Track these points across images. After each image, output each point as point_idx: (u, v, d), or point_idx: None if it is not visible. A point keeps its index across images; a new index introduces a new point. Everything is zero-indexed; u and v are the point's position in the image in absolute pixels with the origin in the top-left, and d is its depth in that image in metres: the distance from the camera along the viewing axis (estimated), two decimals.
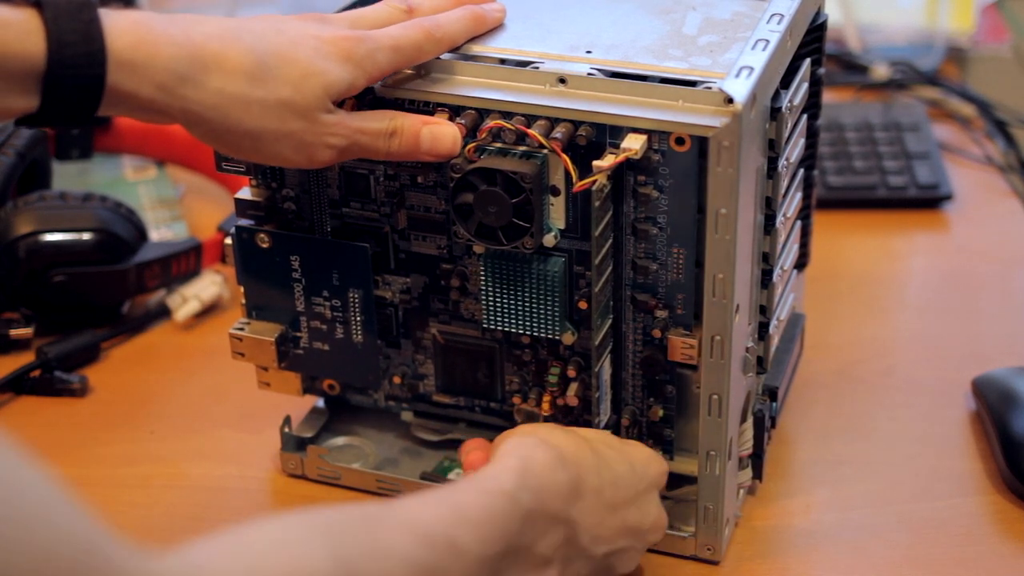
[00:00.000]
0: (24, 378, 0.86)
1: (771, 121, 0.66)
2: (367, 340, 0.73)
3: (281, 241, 0.72)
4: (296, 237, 0.72)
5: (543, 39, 0.68)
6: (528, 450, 0.62)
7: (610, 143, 0.64)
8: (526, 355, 0.72)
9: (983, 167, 1.12)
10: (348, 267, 0.72)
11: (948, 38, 1.29)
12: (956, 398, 0.85)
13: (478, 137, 0.65)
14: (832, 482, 0.78)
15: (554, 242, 0.67)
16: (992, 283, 0.98)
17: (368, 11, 0.67)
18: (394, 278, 0.73)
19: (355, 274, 0.72)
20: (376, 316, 0.73)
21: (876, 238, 1.03)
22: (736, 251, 0.64)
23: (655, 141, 0.64)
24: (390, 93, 0.67)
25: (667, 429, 0.72)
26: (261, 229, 0.72)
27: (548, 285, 0.67)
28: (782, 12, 0.68)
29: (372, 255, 0.71)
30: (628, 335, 0.70)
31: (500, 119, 0.65)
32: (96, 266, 0.89)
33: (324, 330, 0.74)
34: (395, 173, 0.70)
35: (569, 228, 0.67)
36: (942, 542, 0.74)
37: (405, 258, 0.72)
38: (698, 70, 0.64)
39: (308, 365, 0.76)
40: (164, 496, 0.78)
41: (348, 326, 0.73)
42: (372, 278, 0.72)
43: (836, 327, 0.91)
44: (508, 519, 0.58)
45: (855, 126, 1.13)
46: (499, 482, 0.59)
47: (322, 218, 0.72)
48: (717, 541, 0.71)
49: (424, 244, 0.71)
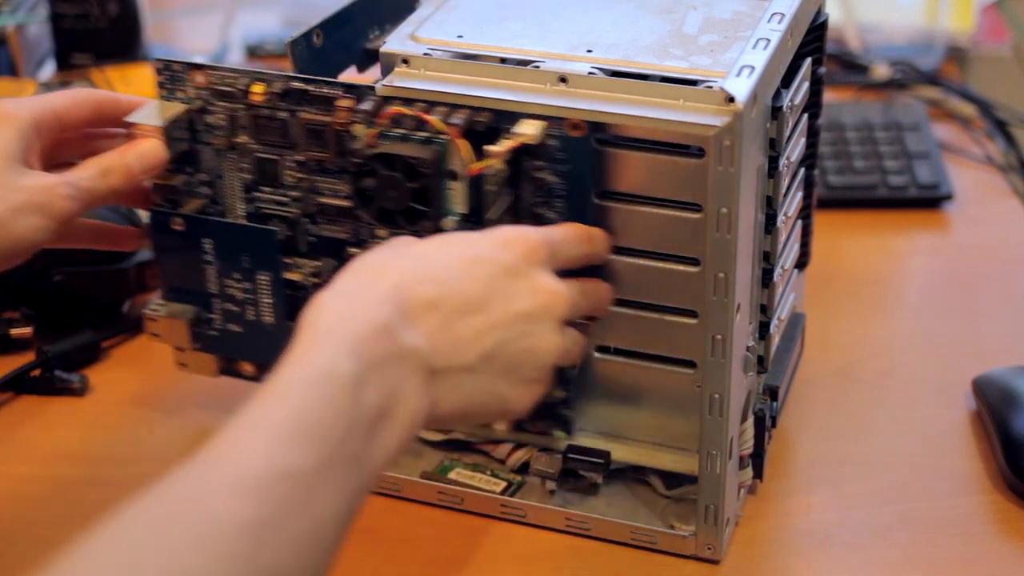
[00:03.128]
0: (24, 377, 0.86)
1: (772, 120, 0.66)
2: (278, 322, 0.75)
3: (194, 224, 0.73)
4: (208, 221, 0.73)
5: (544, 38, 0.68)
6: (324, 309, 0.56)
7: (505, 128, 0.65)
8: None
9: (983, 167, 1.12)
10: (257, 250, 0.73)
11: (948, 38, 1.29)
12: (956, 398, 0.85)
13: (377, 123, 0.66)
14: (832, 481, 0.78)
15: (452, 226, 0.67)
16: (992, 283, 0.98)
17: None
18: (305, 261, 0.74)
19: (264, 257, 0.73)
20: (286, 298, 0.74)
21: (876, 238, 1.03)
22: (737, 250, 0.64)
23: (552, 127, 0.65)
24: (391, 92, 0.67)
25: (567, 410, 0.73)
26: (175, 213, 0.74)
27: None
28: (783, 11, 0.68)
29: (284, 239, 0.73)
30: None
31: (401, 105, 0.66)
32: (96, 265, 0.89)
33: (237, 312, 0.75)
34: (304, 160, 0.70)
35: (472, 213, 0.67)
36: (942, 542, 0.74)
37: (315, 242, 0.73)
38: (699, 69, 0.64)
39: (222, 346, 0.77)
40: None
41: (259, 308, 0.75)
42: (281, 261, 0.73)
43: (836, 327, 0.91)
44: (336, 399, 0.52)
45: (855, 126, 1.13)
46: (312, 365, 0.53)
47: (235, 203, 0.73)
48: (718, 540, 0.71)
49: (333, 228, 0.72)
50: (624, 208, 0.67)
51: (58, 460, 0.80)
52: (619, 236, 0.68)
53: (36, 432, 0.83)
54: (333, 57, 0.73)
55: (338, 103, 0.68)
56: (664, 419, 0.72)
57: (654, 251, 0.68)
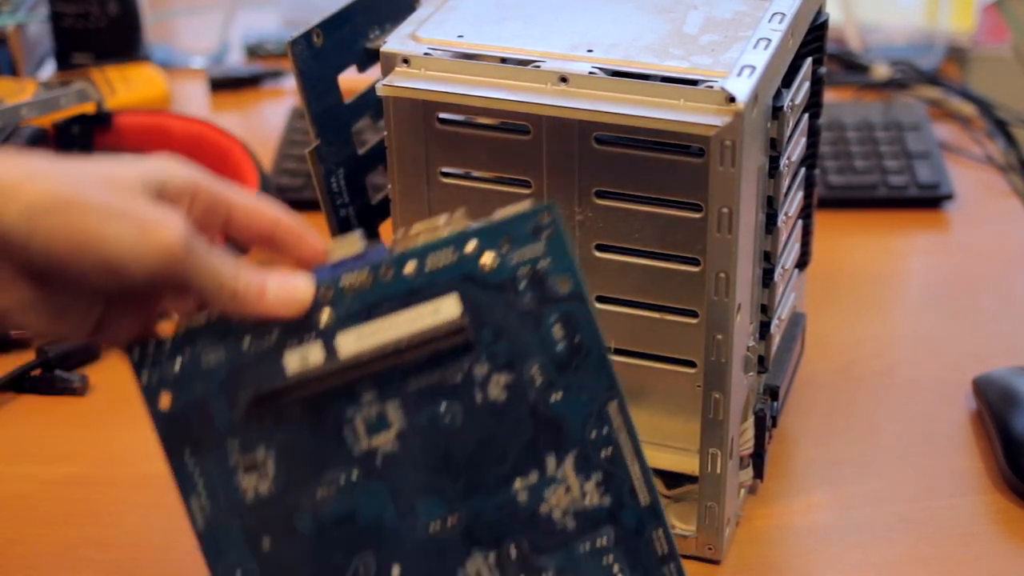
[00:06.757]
0: (24, 377, 0.86)
1: (773, 120, 0.66)
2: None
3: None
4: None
5: (544, 38, 0.68)
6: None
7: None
8: None
9: (984, 167, 1.12)
10: None
11: (949, 38, 1.29)
12: (956, 398, 0.85)
13: None
14: (833, 481, 0.78)
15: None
16: (992, 283, 0.98)
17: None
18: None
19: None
20: None
21: (877, 238, 1.03)
22: (738, 250, 0.64)
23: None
24: (391, 92, 0.67)
25: None
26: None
27: None
28: (783, 11, 0.68)
29: None
30: None
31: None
32: None
33: None
34: None
35: None
36: (942, 542, 0.74)
37: None
38: (699, 69, 0.64)
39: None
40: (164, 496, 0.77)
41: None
42: None
43: (837, 326, 0.91)
44: None
45: (856, 125, 1.13)
46: None
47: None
48: (718, 540, 0.71)
49: None
50: (624, 208, 0.67)
51: (58, 460, 0.80)
52: (620, 236, 0.68)
53: (36, 432, 0.83)
54: (333, 57, 0.72)
55: None
56: (664, 419, 0.72)
57: (654, 251, 0.68)
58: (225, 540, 0.58)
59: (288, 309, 0.57)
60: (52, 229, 0.52)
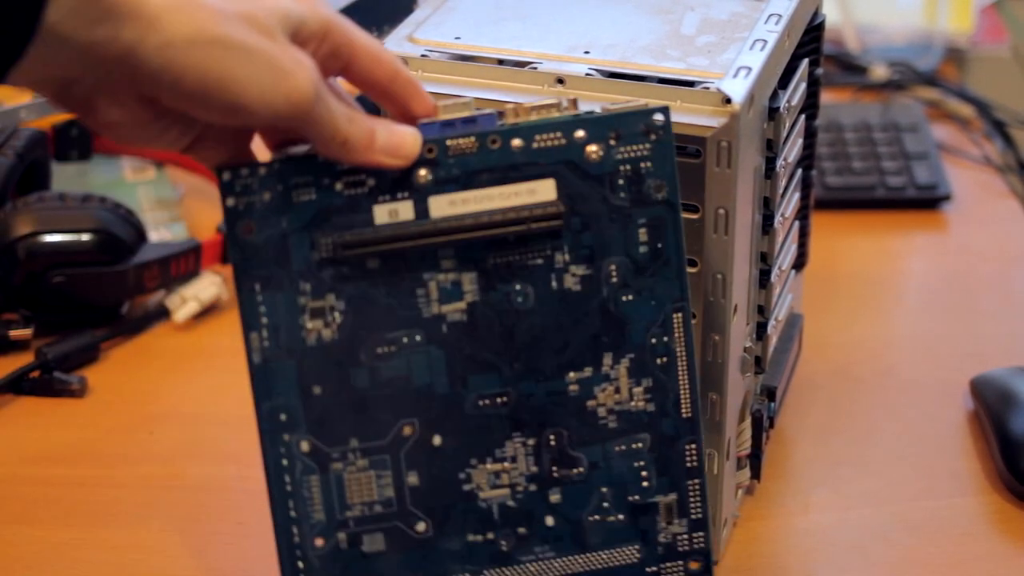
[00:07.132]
0: (23, 379, 0.86)
1: (769, 121, 0.67)
2: None
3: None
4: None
5: (541, 39, 0.68)
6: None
7: None
8: None
9: (982, 167, 1.12)
10: None
11: (947, 38, 1.29)
12: (955, 398, 0.85)
13: None
14: (831, 482, 0.78)
15: None
16: (991, 283, 0.98)
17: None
18: None
19: None
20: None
21: (875, 238, 1.03)
22: (734, 251, 0.64)
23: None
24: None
25: None
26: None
27: None
28: (780, 12, 0.68)
29: None
30: None
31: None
32: (95, 267, 0.89)
33: None
34: None
35: None
36: (941, 542, 0.74)
37: None
38: (696, 70, 0.64)
39: None
40: (164, 496, 0.78)
41: None
42: None
43: (834, 327, 0.91)
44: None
45: (854, 126, 1.13)
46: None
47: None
48: (715, 541, 0.71)
49: None
50: None
51: (58, 461, 0.80)
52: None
53: (35, 433, 0.83)
54: None
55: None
56: None
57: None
58: (277, 380, 0.59)
59: (394, 160, 0.57)
60: (188, 64, 0.50)
